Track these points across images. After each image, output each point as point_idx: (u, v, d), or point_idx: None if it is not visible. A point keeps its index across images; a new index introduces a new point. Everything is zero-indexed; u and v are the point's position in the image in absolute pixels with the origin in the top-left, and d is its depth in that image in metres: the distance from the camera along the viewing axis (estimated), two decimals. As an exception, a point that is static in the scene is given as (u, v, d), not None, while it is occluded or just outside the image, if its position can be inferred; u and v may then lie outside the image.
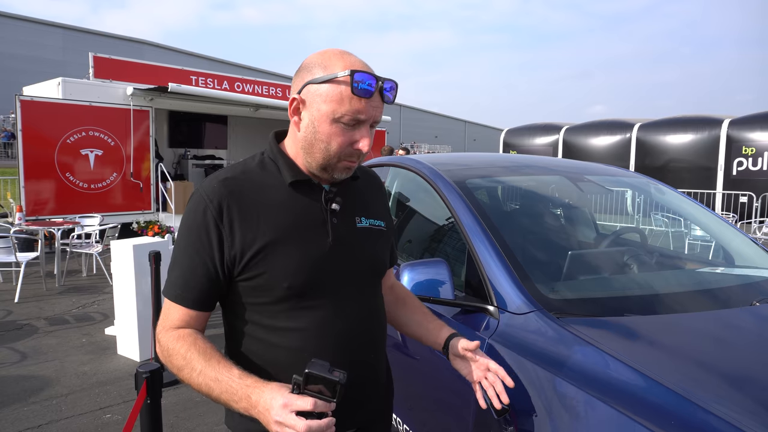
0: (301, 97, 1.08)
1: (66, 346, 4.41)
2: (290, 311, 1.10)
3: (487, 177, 2.46)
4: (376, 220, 1.24)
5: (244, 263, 1.07)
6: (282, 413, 0.90)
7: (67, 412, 3.30)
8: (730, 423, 1.12)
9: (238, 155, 13.21)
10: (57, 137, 8.16)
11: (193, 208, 1.10)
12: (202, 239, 1.07)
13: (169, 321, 1.11)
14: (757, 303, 1.72)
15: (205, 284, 1.09)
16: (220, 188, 1.09)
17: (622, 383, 1.29)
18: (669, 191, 2.63)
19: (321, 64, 1.06)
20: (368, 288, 1.21)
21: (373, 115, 1.07)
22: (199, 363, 1.02)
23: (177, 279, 1.10)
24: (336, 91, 1.03)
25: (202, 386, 1.02)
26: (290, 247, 1.08)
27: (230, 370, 1.00)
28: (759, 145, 13.15)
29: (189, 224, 1.10)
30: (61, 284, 6.42)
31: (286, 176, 1.13)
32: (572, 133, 16.82)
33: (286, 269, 1.07)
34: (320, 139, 1.07)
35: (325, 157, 1.09)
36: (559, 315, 1.56)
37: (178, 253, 1.11)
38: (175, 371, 1.07)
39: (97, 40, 22.44)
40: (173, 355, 1.06)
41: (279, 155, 1.16)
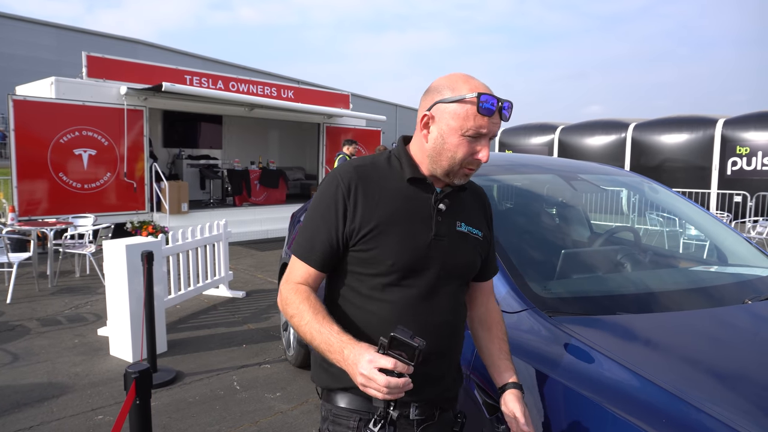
0: (431, 113, 1.26)
1: (58, 347, 4.38)
2: (388, 286, 1.27)
3: (481, 176, 2.45)
4: (475, 229, 1.39)
5: (360, 237, 1.25)
6: (367, 367, 1.07)
7: (59, 413, 3.27)
8: (722, 421, 1.11)
9: (233, 155, 13.16)
10: (50, 137, 8.10)
11: (328, 183, 1.31)
12: (330, 210, 1.27)
13: (292, 275, 1.31)
14: (749, 301, 1.72)
15: (327, 249, 1.28)
16: (352, 171, 1.30)
17: (615, 382, 1.28)
18: (663, 190, 2.62)
19: (449, 87, 1.24)
20: (455, 284, 1.35)
21: (493, 131, 1.25)
22: (309, 314, 1.21)
23: (305, 241, 1.31)
24: (463, 109, 1.22)
25: (306, 334, 1.21)
26: (399, 232, 1.26)
27: (331, 325, 1.19)
28: (753, 145, 13.21)
29: (322, 196, 1.30)
30: (53, 285, 6.38)
31: (407, 172, 1.31)
32: (568, 133, 16.85)
33: (393, 249, 1.25)
34: (448, 149, 1.25)
35: (451, 164, 1.27)
36: (551, 314, 1.56)
37: (309, 219, 1.32)
38: (287, 317, 1.27)
39: (91, 39, 22.33)
40: (289, 304, 1.26)
41: (404, 155, 1.34)
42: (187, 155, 12.30)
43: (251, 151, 13.44)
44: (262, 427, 3.17)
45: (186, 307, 5.51)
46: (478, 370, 1.56)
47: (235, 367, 4.02)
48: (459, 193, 1.37)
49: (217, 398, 3.50)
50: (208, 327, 4.96)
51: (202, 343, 4.52)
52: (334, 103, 12.46)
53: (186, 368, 3.98)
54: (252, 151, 13.45)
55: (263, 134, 13.91)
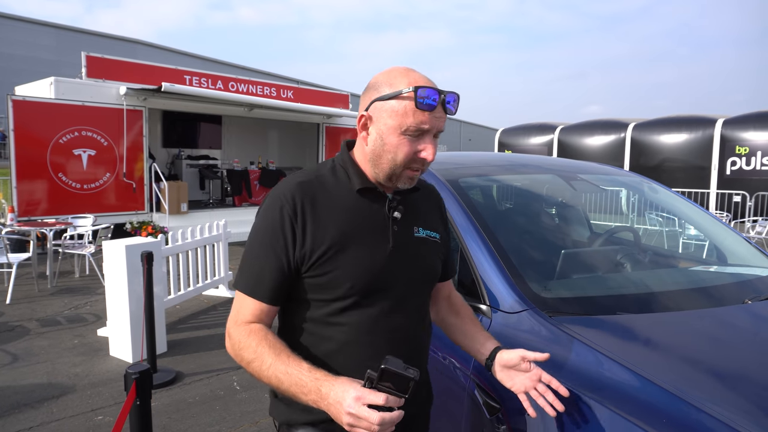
0: (369, 113, 1.18)
1: (58, 348, 4.38)
2: (347, 309, 1.17)
3: (481, 176, 2.46)
4: (433, 232, 1.30)
5: (313, 261, 1.15)
6: (355, 405, 0.97)
7: (59, 414, 3.27)
8: (723, 421, 1.11)
9: (233, 155, 13.16)
10: (49, 137, 8.09)
11: (270, 206, 1.18)
12: (277, 236, 1.15)
13: (241, 315, 1.18)
14: (749, 301, 1.72)
15: (278, 279, 1.16)
16: (296, 189, 1.18)
17: (615, 382, 1.28)
18: (663, 190, 2.62)
19: (387, 83, 1.15)
20: (420, 295, 1.28)
21: (437, 126, 1.16)
22: (270, 357, 1.09)
23: (251, 273, 1.18)
24: (401, 106, 1.13)
25: (272, 378, 1.08)
26: (355, 250, 1.17)
27: (300, 364, 1.07)
28: (752, 145, 13.22)
29: (265, 221, 1.18)
30: (53, 285, 6.38)
31: (355, 183, 1.21)
32: (567, 133, 16.86)
33: (351, 270, 1.15)
34: (388, 150, 1.16)
35: (392, 166, 1.17)
36: (551, 314, 1.56)
37: (253, 249, 1.19)
38: (244, 364, 1.14)
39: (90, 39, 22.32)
40: (244, 348, 1.13)
41: (349, 163, 1.24)
42: (187, 155, 12.29)
43: (251, 152, 13.43)
44: (262, 427, 3.17)
45: (186, 307, 5.51)
46: (478, 371, 1.56)
47: (235, 367, 4.02)
48: (411, 195, 1.29)
49: (217, 398, 3.50)
50: (208, 327, 4.96)
51: (202, 344, 4.51)
52: (333, 103, 12.47)
53: (186, 368, 3.99)
54: (251, 152, 13.45)
55: (263, 134, 13.90)
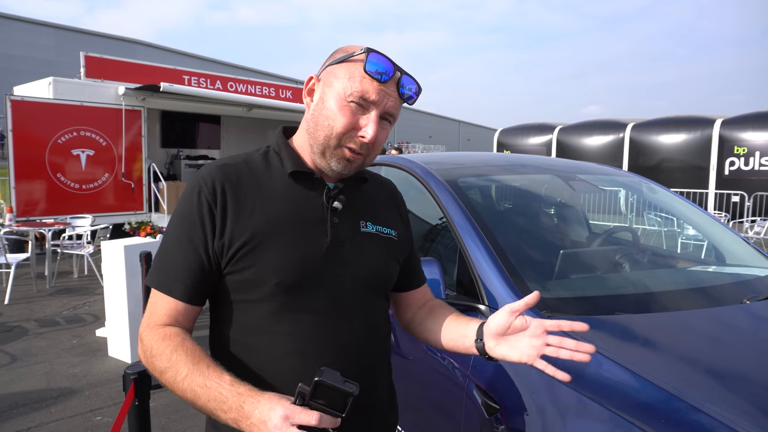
0: (318, 77, 1.08)
1: (56, 348, 4.37)
2: (278, 313, 1.01)
3: (480, 176, 2.46)
4: (386, 228, 1.15)
5: (232, 253, 1.00)
6: (283, 426, 0.82)
7: (57, 414, 3.27)
8: (722, 422, 1.11)
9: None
10: (48, 137, 8.09)
11: (188, 191, 1.05)
12: (194, 223, 1.01)
13: (155, 317, 1.02)
14: (748, 301, 1.73)
15: (196, 273, 1.01)
16: (217, 172, 1.05)
17: (614, 382, 1.28)
18: (661, 190, 2.63)
19: (344, 50, 1.06)
20: (367, 299, 1.10)
21: (384, 103, 1.02)
22: (186, 366, 0.93)
23: (165, 266, 1.02)
24: (349, 68, 1.02)
25: (187, 392, 0.92)
26: (283, 241, 1.01)
27: (221, 376, 0.91)
28: (751, 145, 13.24)
29: (182, 207, 1.04)
30: (51, 286, 6.37)
31: (287, 166, 1.07)
32: (566, 133, 16.87)
33: (277, 264, 1.00)
34: (326, 115, 1.02)
35: (327, 136, 1.02)
36: (550, 314, 1.56)
37: (168, 238, 1.05)
38: (156, 374, 0.97)
39: (89, 39, 22.30)
40: (156, 356, 0.96)
41: (284, 146, 1.11)
42: (186, 155, 12.28)
43: (250, 151, 13.41)
44: (261, 427, 3.17)
45: (184, 307, 5.51)
46: (477, 371, 1.56)
47: (234, 367, 4.02)
48: (359, 186, 1.14)
49: (215, 399, 3.50)
50: (206, 327, 4.94)
51: (201, 343, 4.50)
52: (332, 103, 12.44)
53: (184, 369, 3.98)
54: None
55: (261, 134, 13.90)
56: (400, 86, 1.04)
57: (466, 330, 1.14)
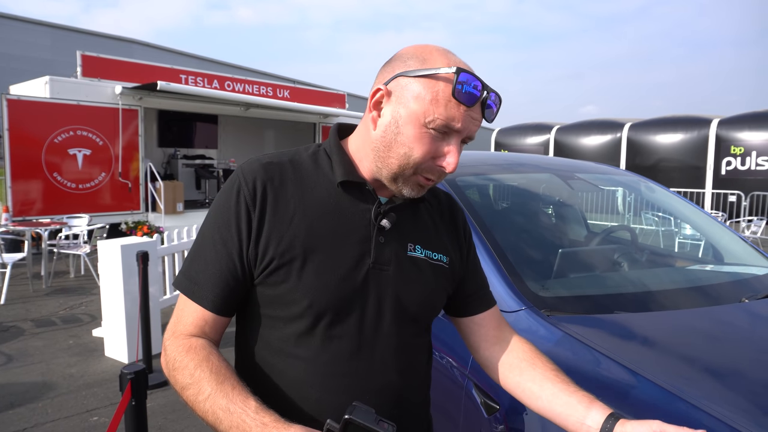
0: (388, 88, 0.91)
1: (53, 348, 4.35)
2: (304, 336, 0.92)
3: (478, 175, 2.45)
4: (437, 254, 1.02)
5: (266, 263, 0.91)
6: None
7: (54, 414, 3.25)
8: (721, 420, 1.11)
9: (229, 155, 13.13)
10: (44, 137, 8.06)
11: (228, 188, 0.94)
12: (230, 225, 0.92)
13: (180, 325, 0.93)
14: (746, 300, 1.73)
15: (228, 282, 0.92)
16: (260, 170, 0.94)
17: (613, 381, 1.28)
18: (660, 190, 2.63)
19: (419, 57, 0.90)
20: (406, 331, 0.98)
21: (469, 129, 0.90)
22: (209, 385, 0.85)
23: (195, 271, 0.93)
24: (433, 89, 0.86)
25: (208, 413, 0.83)
26: (321, 258, 0.91)
27: (246, 400, 0.82)
28: (747, 145, 13.29)
29: (220, 205, 0.94)
30: (48, 285, 6.35)
31: (338, 173, 0.96)
32: (563, 133, 16.90)
33: (311, 284, 0.90)
34: (402, 142, 0.89)
35: (402, 165, 0.91)
36: (549, 313, 1.55)
37: (202, 239, 0.95)
38: (177, 389, 0.89)
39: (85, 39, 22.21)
40: (179, 369, 0.88)
41: (336, 150, 0.98)
42: (183, 155, 12.26)
43: (247, 151, 13.41)
44: (259, 427, 3.16)
45: (182, 307, 5.49)
46: (475, 370, 1.56)
47: (232, 367, 4.01)
48: (415, 202, 1.02)
49: (213, 399, 3.49)
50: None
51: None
52: (330, 102, 12.46)
53: (182, 369, 3.97)
54: (248, 151, 13.42)
55: (259, 134, 13.89)
56: (484, 109, 0.90)
57: (585, 416, 0.93)
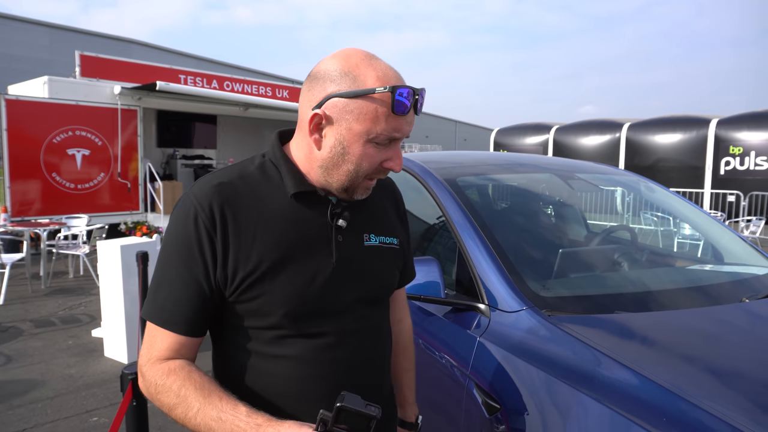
0: (325, 112, 0.94)
1: (52, 349, 4.35)
2: (286, 338, 0.98)
3: (478, 175, 2.45)
4: (388, 237, 1.11)
5: (237, 283, 0.95)
6: None
7: (53, 415, 3.25)
8: (722, 420, 1.11)
9: (228, 155, 13.13)
10: (43, 137, 8.05)
11: (182, 215, 0.96)
12: (193, 253, 0.94)
13: (155, 351, 0.96)
14: (747, 300, 1.73)
15: (198, 306, 0.95)
16: (213, 194, 0.96)
17: (614, 380, 1.28)
18: (660, 190, 2.63)
19: (349, 74, 0.92)
20: (372, 312, 1.08)
21: (407, 131, 0.97)
22: (197, 401, 0.89)
23: (164, 300, 0.96)
24: (371, 108, 0.91)
25: (200, 427, 0.89)
26: (290, 268, 0.97)
27: (236, 407, 0.88)
28: (746, 145, 13.31)
29: (177, 234, 0.96)
30: (47, 286, 6.34)
31: (289, 186, 1.00)
32: (562, 133, 16.91)
33: (285, 294, 0.96)
34: (350, 160, 0.96)
35: (352, 178, 0.98)
36: (550, 312, 1.55)
37: (165, 268, 0.97)
38: (165, 410, 0.93)
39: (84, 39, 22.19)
40: (163, 392, 0.92)
41: (283, 161, 1.03)
42: (182, 155, 12.25)
43: (246, 151, 13.39)
44: (259, 427, 3.16)
45: (181, 307, 5.49)
46: (477, 370, 1.56)
47: (231, 367, 4.01)
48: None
49: (213, 399, 3.49)
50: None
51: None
52: (329, 102, 12.43)
53: (181, 369, 3.97)
54: (247, 151, 13.40)
55: (258, 134, 13.88)
56: (417, 108, 0.95)
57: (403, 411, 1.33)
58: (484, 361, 1.55)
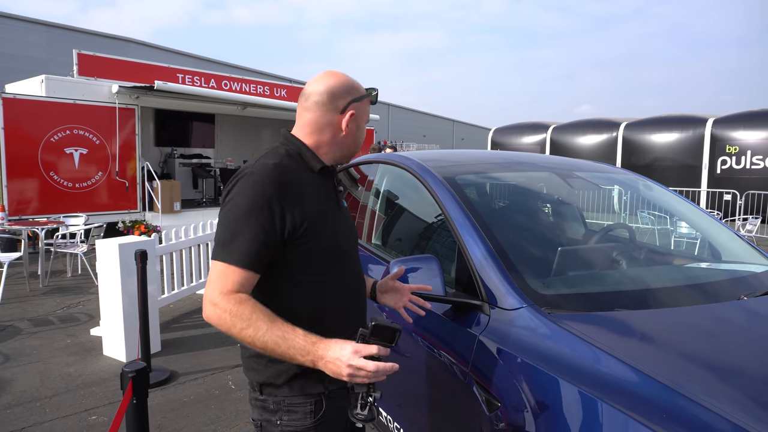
0: (352, 111, 1.44)
1: (50, 348, 4.34)
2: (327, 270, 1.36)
3: (477, 173, 2.46)
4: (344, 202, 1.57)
5: (300, 233, 1.30)
6: (354, 358, 1.15)
7: (52, 414, 3.24)
8: (721, 416, 1.12)
9: (226, 154, 13.11)
10: (40, 135, 8.03)
11: (252, 185, 1.28)
12: (265, 213, 1.26)
13: (228, 285, 1.24)
14: (745, 297, 1.74)
15: (266, 250, 1.27)
16: (275, 171, 1.31)
17: (613, 378, 1.29)
18: (657, 188, 2.64)
19: (356, 87, 1.45)
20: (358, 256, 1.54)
21: None
22: (265, 323, 1.19)
23: (241, 246, 1.25)
24: (367, 104, 1.48)
25: (268, 343, 1.19)
26: (327, 219, 1.38)
27: (294, 329, 1.20)
28: (742, 144, 13.35)
29: (251, 199, 1.27)
30: (45, 285, 6.32)
31: (314, 164, 1.41)
32: (560, 132, 16.93)
33: (328, 235, 1.36)
34: (360, 137, 1.48)
35: (356, 150, 1.49)
36: (549, 310, 1.56)
37: (239, 223, 1.27)
38: (235, 331, 1.21)
39: (81, 37, 22.09)
40: (237, 316, 1.20)
41: (305, 149, 1.42)
42: (180, 154, 12.23)
43: (244, 150, 13.39)
44: (258, 426, 3.16)
45: (179, 306, 5.48)
46: (477, 369, 1.57)
47: (230, 366, 4.01)
48: None
49: (212, 398, 3.49)
50: (202, 326, 4.93)
51: (196, 343, 4.49)
52: (327, 102, 12.42)
53: (180, 368, 3.96)
54: (245, 150, 13.40)
55: (256, 133, 13.87)
56: None
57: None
58: (484, 358, 1.56)
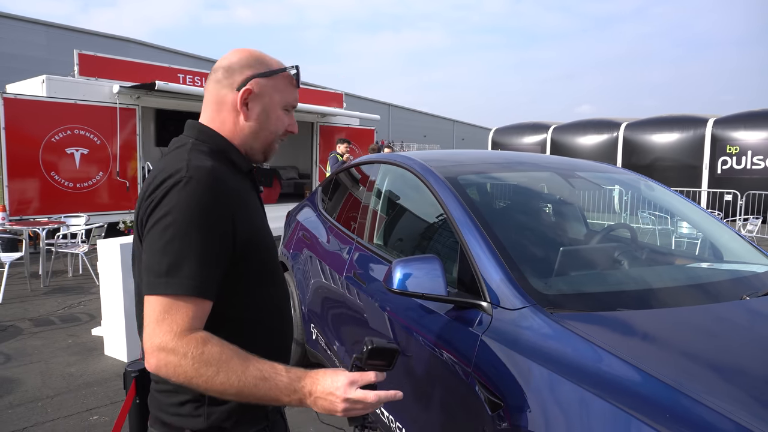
0: (251, 88, 1.17)
1: (52, 348, 4.34)
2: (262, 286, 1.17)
3: (479, 173, 2.46)
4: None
5: (243, 246, 1.09)
6: (351, 390, 0.97)
7: (53, 414, 3.24)
8: (724, 415, 1.12)
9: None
10: (41, 136, 8.02)
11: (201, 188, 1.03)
12: (217, 220, 1.03)
13: (179, 324, 0.97)
14: (747, 297, 1.74)
15: (221, 269, 1.04)
16: (214, 171, 1.07)
17: (616, 377, 1.29)
18: (659, 188, 2.64)
19: (262, 62, 1.19)
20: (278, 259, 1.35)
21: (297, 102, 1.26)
22: (239, 365, 0.97)
23: (193, 271, 0.99)
24: (284, 83, 1.20)
25: (243, 389, 0.96)
26: (260, 227, 1.19)
27: (273, 366, 0.99)
28: (743, 144, 13.35)
29: (200, 208, 1.01)
30: (46, 285, 6.32)
31: (242, 164, 1.21)
32: (560, 132, 16.93)
33: (264, 246, 1.17)
34: (272, 124, 1.21)
35: (272, 140, 1.22)
36: (552, 310, 1.56)
37: (185, 245, 0.99)
38: (202, 381, 0.96)
39: (82, 38, 22.11)
40: (202, 361, 0.95)
41: (228, 146, 1.19)
42: (180, 154, 12.21)
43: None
44: (259, 426, 3.16)
45: (180, 306, 5.48)
46: (479, 368, 1.57)
47: (231, 366, 4.01)
48: None
49: (213, 398, 3.49)
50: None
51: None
52: (327, 102, 12.46)
53: (181, 368, 3.96)
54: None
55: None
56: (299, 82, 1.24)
57: None
58: (486, 358, 1.56)
